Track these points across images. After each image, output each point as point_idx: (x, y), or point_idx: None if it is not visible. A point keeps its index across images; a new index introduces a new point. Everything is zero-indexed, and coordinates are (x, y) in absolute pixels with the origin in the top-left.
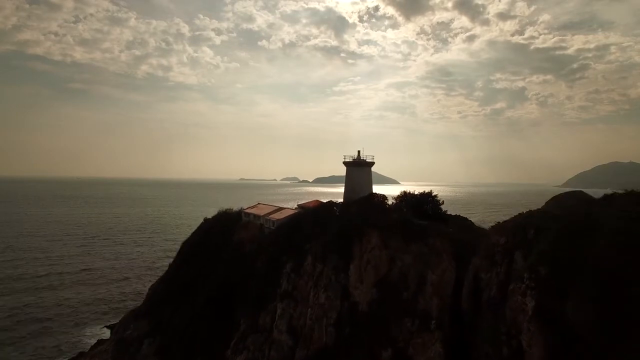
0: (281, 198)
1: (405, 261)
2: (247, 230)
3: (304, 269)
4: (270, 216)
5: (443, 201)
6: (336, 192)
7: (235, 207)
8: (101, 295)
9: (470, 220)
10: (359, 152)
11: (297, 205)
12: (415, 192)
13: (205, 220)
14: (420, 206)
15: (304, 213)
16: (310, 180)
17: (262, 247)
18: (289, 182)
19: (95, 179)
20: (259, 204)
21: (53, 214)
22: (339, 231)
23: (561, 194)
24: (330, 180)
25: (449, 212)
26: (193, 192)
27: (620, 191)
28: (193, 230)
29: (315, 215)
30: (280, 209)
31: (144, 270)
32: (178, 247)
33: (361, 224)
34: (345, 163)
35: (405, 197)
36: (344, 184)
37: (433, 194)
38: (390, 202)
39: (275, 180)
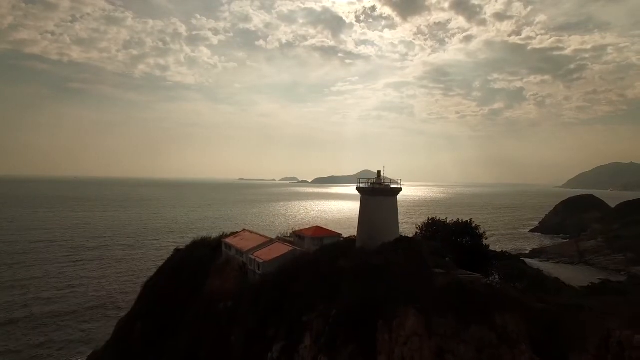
0: (280, 198)
1: (461, 355)
2: (224, 276)
3: (300, 356)
4: (255, 254)
5: (485, 233)
6: (335, 194)
7: (225, 219)
8: (62, 335)
9: (522, 259)
10: (379, 172)
11: (292, 232)
12: (448, 220)
13: (177, 251)
14: (456, 239)
15: (300, 259)
16: (310, 181)
17: (242, 306)
18: (288, 182)
19: (94, 178)
20: (244, 230)
21: (39, 218)
22: (353, 305)
23: (572, 197)
24: (330, 181)
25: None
26: (191, 193)
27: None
28: (185, 238)
29: (316, 263)
30: (270, 241)
31: (122, 294)
32: (166, 259)
33: (389, 296)
34: (359, 190)
35: (434, 225)
36: (343, 185)
37: (472, 224)
38: (413, 230)
39: (274, 180)
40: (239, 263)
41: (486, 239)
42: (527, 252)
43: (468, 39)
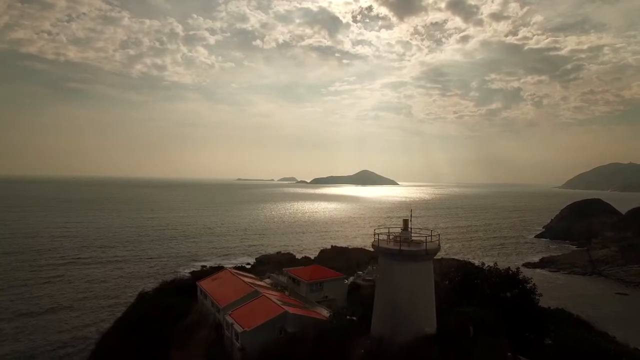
0: (279, 199)
1: None
2: (193, 345)
3: None
4: (234, 315)
5: (535, 286)
6: (334, 195)
7: (219, 224)
8: None
9: (583, 320)
10: (405, 222)
11: (285, 270)
12: (484, 266)
13: (141, 297)
14: (498, 292)
15: (295, 348)
16: (308, 181)
17: None
18: (286, 182)
19: (92, 178)
20: (225, 271)
21: (28, 223)
22: None
23: (578, 201)
24: (329, 181)
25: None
26: (189, 193)
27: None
28: (177, 247)
29: (316, 357)
30: (255, 292)
31: (99, 323)
32: (156, 274)
33: None
34: (377, 249)
35: (470, 276)
36: (342, 186)
37: (519, 274)
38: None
39: (272, 180)
40: (215, 320)
41: (540, 295)
42: (536, 261)
43: (465, 39)
